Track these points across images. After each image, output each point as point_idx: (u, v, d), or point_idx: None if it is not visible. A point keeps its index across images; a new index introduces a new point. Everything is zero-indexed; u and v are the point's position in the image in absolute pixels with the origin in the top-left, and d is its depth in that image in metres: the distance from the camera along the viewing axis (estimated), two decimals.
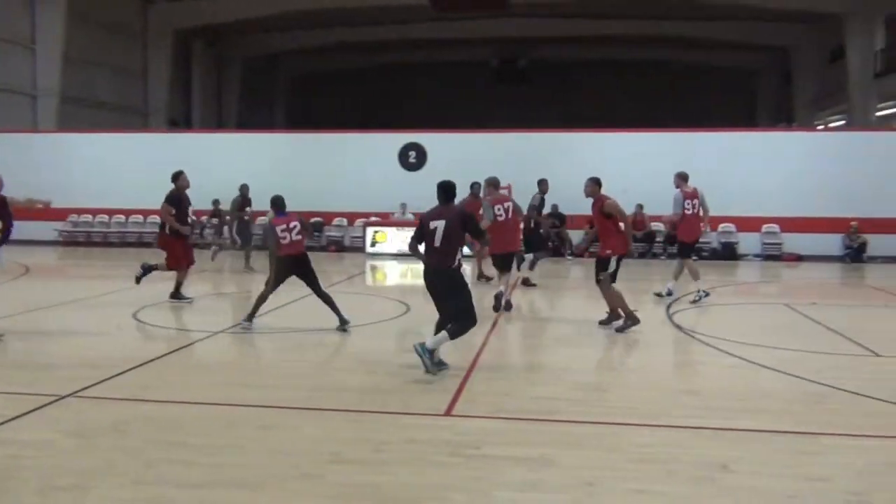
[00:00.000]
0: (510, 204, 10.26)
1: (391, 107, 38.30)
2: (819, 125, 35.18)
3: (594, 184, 8.60)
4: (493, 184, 10.75)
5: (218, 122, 36.42)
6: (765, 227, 17.09)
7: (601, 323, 8.80)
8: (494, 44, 38.90)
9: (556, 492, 4.09)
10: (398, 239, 17.38)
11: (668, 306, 10.14)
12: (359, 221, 19.57)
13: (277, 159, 19.96)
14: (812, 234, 16.75)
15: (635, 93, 39.05)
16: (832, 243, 17.41)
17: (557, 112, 35.52)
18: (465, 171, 18.75)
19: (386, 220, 19.04)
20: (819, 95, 36.12)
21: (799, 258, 17.22)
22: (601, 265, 8.61)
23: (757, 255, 17.47)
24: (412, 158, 19.67)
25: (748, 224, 17.44)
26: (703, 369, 7.11)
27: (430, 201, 6.73)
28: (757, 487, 4.19)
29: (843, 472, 4.42)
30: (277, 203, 8.66)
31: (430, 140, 19.71)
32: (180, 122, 33.36)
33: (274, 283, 8.53)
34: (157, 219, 11.53)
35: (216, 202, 16.61)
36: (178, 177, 10.51)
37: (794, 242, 17.44)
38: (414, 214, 17.65)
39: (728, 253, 17.68)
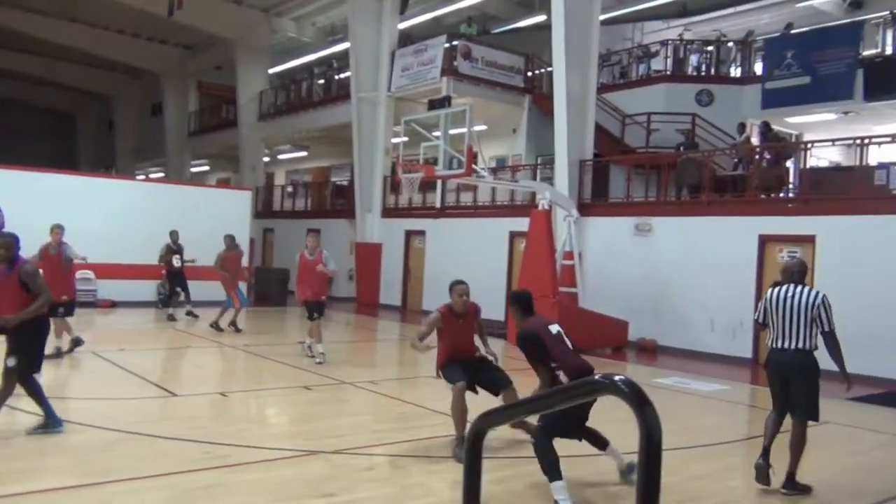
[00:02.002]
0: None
1: None
2: (140, 175, 36.43)
3: None
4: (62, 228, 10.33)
5: None
6: (80, 274, 16.63)
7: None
8: None
9: None
10: None
11: None
12: None
13: None
14: (127, 280, 16.99)
15: None
16: (147, 289, 18.03)
17: None
18: None
19: None
20: (140, 146, 37.59)
21: (113, 304, 17.29)
22: None
23: None
24: None
25: None
26: None
27: None
28: None
29: None
30: None
31: None
32: None
33: None
34: None
35: None
36: None
37: (110, 289, 17.43)
38: None
39: None
